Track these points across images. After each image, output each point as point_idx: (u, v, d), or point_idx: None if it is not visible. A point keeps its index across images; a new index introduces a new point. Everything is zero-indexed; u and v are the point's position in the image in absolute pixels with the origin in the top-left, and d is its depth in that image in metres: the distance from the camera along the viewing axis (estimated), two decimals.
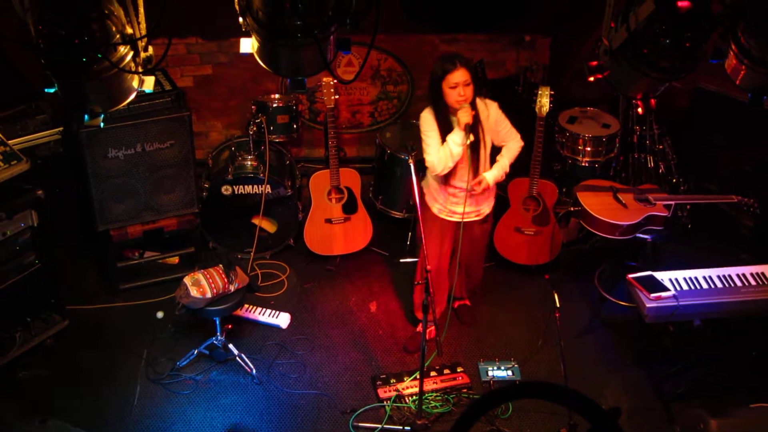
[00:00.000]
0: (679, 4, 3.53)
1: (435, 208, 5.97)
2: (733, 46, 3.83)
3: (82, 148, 6.09)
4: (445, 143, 5.59)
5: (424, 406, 5.66)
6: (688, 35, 3.66)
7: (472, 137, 5.57)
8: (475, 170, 5.75)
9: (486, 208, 6.02)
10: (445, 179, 5.78)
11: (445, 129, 5.62)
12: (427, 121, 5.70)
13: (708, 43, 3.76)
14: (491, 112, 5.78)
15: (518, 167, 7.17)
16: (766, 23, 3.67)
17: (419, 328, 6.09)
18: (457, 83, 5.48)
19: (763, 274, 5.84)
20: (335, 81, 6.72)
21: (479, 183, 5.74)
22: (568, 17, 7.70)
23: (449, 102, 5.56)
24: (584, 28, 7.33)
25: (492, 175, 5.82)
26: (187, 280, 5.71)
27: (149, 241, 6.81)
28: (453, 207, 5.88)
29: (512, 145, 5.93)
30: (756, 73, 3.80)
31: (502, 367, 6.09)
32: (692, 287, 5.71)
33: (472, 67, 5.61)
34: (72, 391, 5.83)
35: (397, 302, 6.80)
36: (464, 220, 5.90)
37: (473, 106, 5.58)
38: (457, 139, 5.53)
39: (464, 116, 5.49)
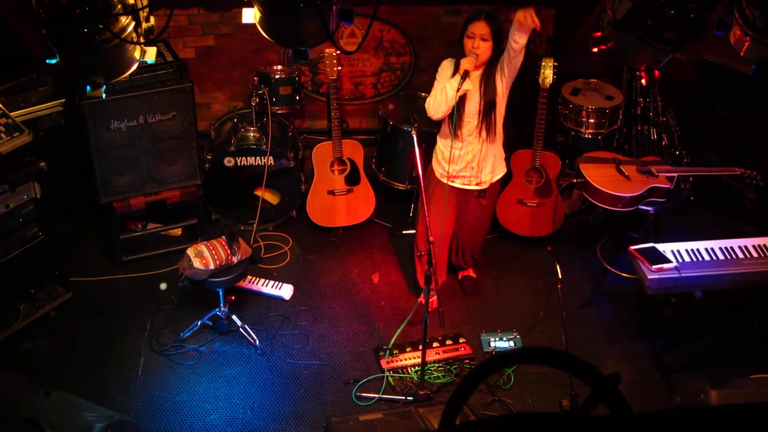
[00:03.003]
0: None
1: (438, 172, 5.96)
2: (737, 17, 3.82)
3: (84, 120, 6.08)
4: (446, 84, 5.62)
5: (426, 377, 5.68)
6: (692, 6, 3.65)
7: (469, 86, 5.61)
8: (485, 130, 5.76)
9: (487, 176, 5.98)
10: (452, 135, 5.78)
11: (457, 70, 5.64)
12: (442, 67, 5.77)
13: (713, 15, 3.75)
14: (505, 73, 5.73)
15: (521, 139, 7.17)
16: None
17: (421, 298, 6.10)
18: (474, 34, 5.52)
19: (765, 246, 5.84)
20: (338, 52, 6.70)
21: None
22: None
23: (465, 50, 5.59)
24: (588, 0, 7.29)
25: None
26: (190, 251, 5.72)
27: (152, 213, 6.81)
28: (453, 170, 5.88)
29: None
30: (760, 45, 3.79)
31: (504, 338, 6.11)
32: (694, 259, 5.72)
33: (498, 25, 5.61)
34: (76, 362, 5.86)
35: (400, 274, 6.81)
36: (462, 186, 5.90)
37: (491, 66, 5.62)
38: (453, 83, 5.55)
39: (466, 63, 5.51)
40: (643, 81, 7.14)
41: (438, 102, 5.62)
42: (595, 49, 4.10)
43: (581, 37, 7.20)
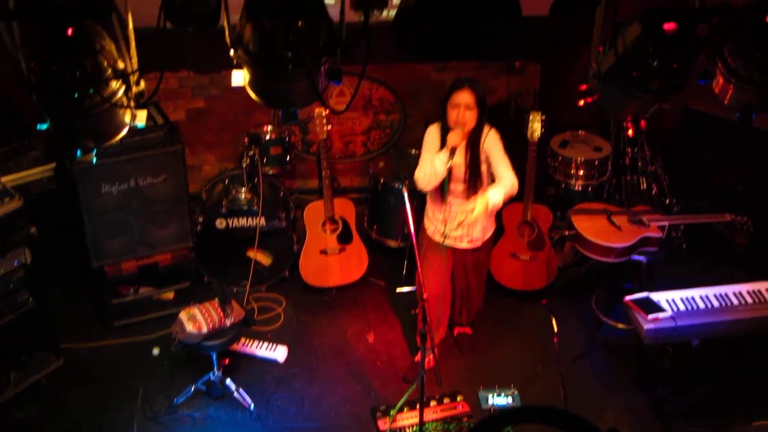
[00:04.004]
0: (665, 26, 3.58)
1: (430, 230, 5.99)
2: (720, 67, 3.89)
3: (75, 184, 6.10)
4: (435, 158, 5.59)
5: None
6: (675, 57, 3.71)
7: (457, 159, 5.58)
8: (472, 193, 5.77)
9: (478, 233, 5.99)
10: (440, 198, 5.81)
11: (442, 147, 5.63)
12: (429, 135, 5.77)
13: (696, 64, 3.81)
14: (489, 138, 5.76)
15: None
16: (752, 43, 3.72)
17: (418, 357, 6.09)
18: (459, 104, 5.51)
19: (759, 291, 5.85)
20: (327, 111, 6.75)
21: (472, 211, 5.64)
22: (557, 42, 7.77)
23: (449, 121, 5.59)
24: (573, 53, 7.40)
25: (492, 196, 5.61)
26: (182, 315, 5.70)
27: (144, 277, 6.78)
28: (445, 230, 5.89)
29: (506, 175, 5.72)
30: (743, 92, 3.85)
31: (502, 394, 6.08)
32: (689, 307, 5.73)
33: (481, 92, 5.59)
34: (70, 431, 5.80)
35: (395, 332, 6.80)
36: (456, 245, 5.92)
37: (477, 132, 5.63)
38: (442, 157, 5.52)
39: (453, 137, 5.49)
40: (630, 131, 7.22)
41: (428, 176, 5.60)
42: (582, 102, 4.15)
43: (568, 89, 7.29)
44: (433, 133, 5.77)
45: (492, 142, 5.75)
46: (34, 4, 3.14)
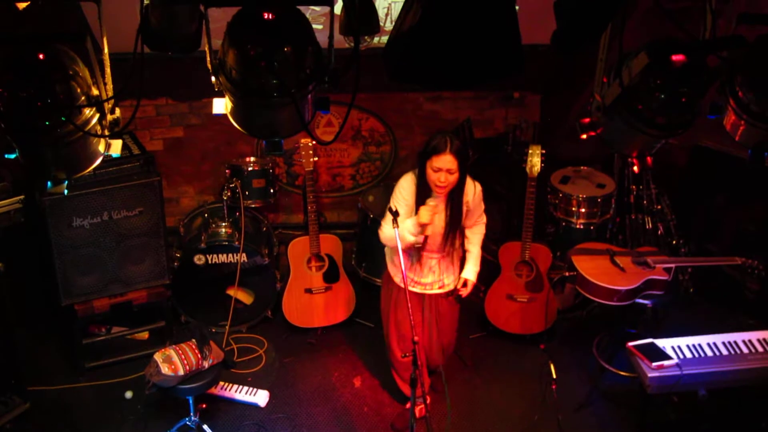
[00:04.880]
0: (674, 57, 3.58)
1: (398, 278, 5.91)
2: (731, 101, 3.88)
3: (44, 217, 6.08)
4: (403, 224, 5.46)
5: None
6: (684, 90, 3.71)
7: (428, 231, 5.50)
8: (449, 245, 5.74)
9: (449, 278, 5.92)
10: (411, 252, 5.78)
11: (417, 202, 5.55)
12: (402, 187, 5.65)
13: (705, 98, 3.81)
14: (476, 195, 5.77)
15: (509, 231, 7.19)
16: (765, 76, 3.71)
17: (408, 405, 6.04)
18: (440, 168, 5.37)
19: None
20: (314, 142, 6.75)
21: (465, 287, 5.85)
22: (559, 73, 7.80)
23: (429, 180, 5.47)
24: (575, 84, 7.43)
25: (474, 272, 5.90)
26: (157, 356, 5.66)
27: (117, 316, 6.75)
28: (415, 277, 5.86)
29: (478, 230, 5.93)
30: (756, 129, 3.84)
31: None
32: (696, 355, 5.70)
33: (463, 154, 5.45)
34: None
35: (384, 377, 6.75)
36: (426, 291, 5.87)
37: (458, 190, 5.56)
38: (411, 228, 5.44)
39: (423, 215, 5.37)
40: (636, 168, 7.23)
41: (391, 238, 5.42)
42: (584, 136, 4.14)
43: (569, 123, 7.31)
44: (406, 185, 5.64)
45: (478, 200, 5.81)
46: (2, 28, 3.13)
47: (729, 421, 6.12)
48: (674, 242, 7.29)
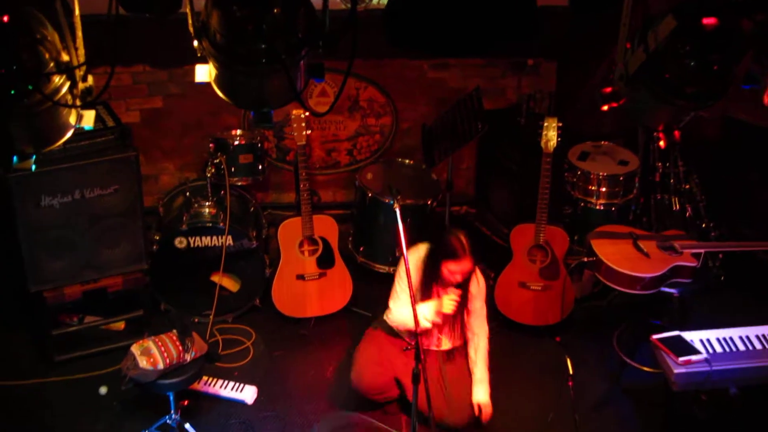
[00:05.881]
0: (705, 21, 3.57)
1: (387, 330, 6.21)
2: None
3: (10, 196, 6.06)
4: (418, 308, 5.64)
5: None
6: (715, 56, 3.70)
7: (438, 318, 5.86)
8: (452, 330, 6.07)
9: (446, 343, 6.18)
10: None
11: (426, 284, 5.87)
12: (415, 264, 5.89)
13: (739, 66, 3.80)
14: (480, 283, 6.05)
15: (522, 212, 7.18)
16: None
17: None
18: (456, 272, 5.70)
19: None
20: (307, 113, 6.74)
21: (485, 411, 6.07)
22: (578, 38, 7.78)
23: (441, 274, 5.77)
24: (596, 51, 7.40)
25: (486, 392, 6.11)
26: (135, 349, 5.67)
27: (90, 304, 6.75)
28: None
29: (482, 345, 6.16)
30: None
31: None
32: (727, 349, 5.71)
33: (478, 255, 5.79)
34: None
35: None
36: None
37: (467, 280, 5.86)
38: (428, 315, 5.79)
39: (447, 306, 5.76)
40: (662, 143, 7.22)
41: (405, 321, 5.85)
42: (605, 108, 4.14)
43: (589, 93, 7.29)
44: (418, 263, 5.93)
45: (480, 288, 6.07)
46: None
47: (762, 421, 6.14)
48: (704, 225, 7.29)
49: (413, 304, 5.35)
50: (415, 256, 5.91)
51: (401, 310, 5.87)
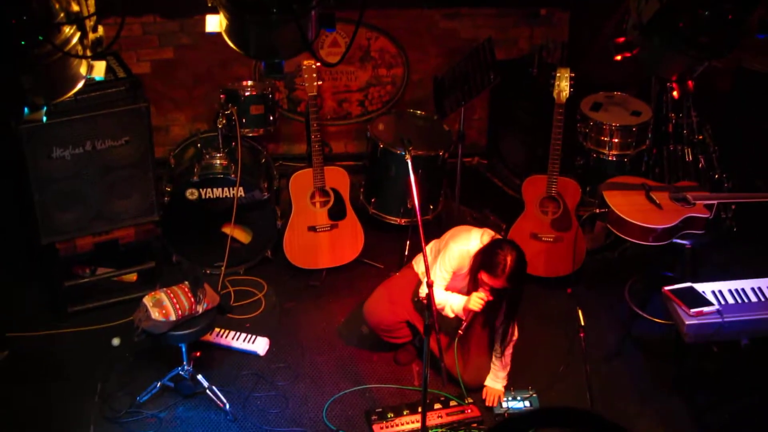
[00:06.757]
0: None
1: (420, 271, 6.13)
2: None
3: (21, 148, 6.06)
4: (449, 296, 5.86)
5: None
6: (730, 5, 3.68)
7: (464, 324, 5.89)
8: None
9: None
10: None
11: (471, 275, 5.79)
12: (462, 257, 5.82)
13: (754, 15, 3.77)
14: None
15: (534, 162, 7.16)
16: None
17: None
18: (486, 283, 5.60)
19: None
20: (318, 64, 6.71)
21: (494, 399, 6.11)
22: None
23: (478, 276, 5.67)
24: (609, 0, 7.35)
25: (502, 386, 6.15)
26: (147, 300, 5.69)
27: (102, 256, 6.79)
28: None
29: (508, 351, 6.10)
30: None
31: (519, 397, 6.09)
32: (739, 300, 5.72)
33: (517, 279, 5.59)
34: None
35: None
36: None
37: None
38: (456, 308, 5.81)
39: (475, 303, 5.67)
40: (675, 93, 7.15)
41: (438, 302, 5.79)
42: (619, 57, 4.12)
43: (602, 43, 7.25)
44: (466, 257, 5.82)
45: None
46: None
47: None
48: (717, 176, 7.26)
49: (429, 278, 5.28)
50: (466, 244, 5.80)
51: (439, 287, 5.82)
